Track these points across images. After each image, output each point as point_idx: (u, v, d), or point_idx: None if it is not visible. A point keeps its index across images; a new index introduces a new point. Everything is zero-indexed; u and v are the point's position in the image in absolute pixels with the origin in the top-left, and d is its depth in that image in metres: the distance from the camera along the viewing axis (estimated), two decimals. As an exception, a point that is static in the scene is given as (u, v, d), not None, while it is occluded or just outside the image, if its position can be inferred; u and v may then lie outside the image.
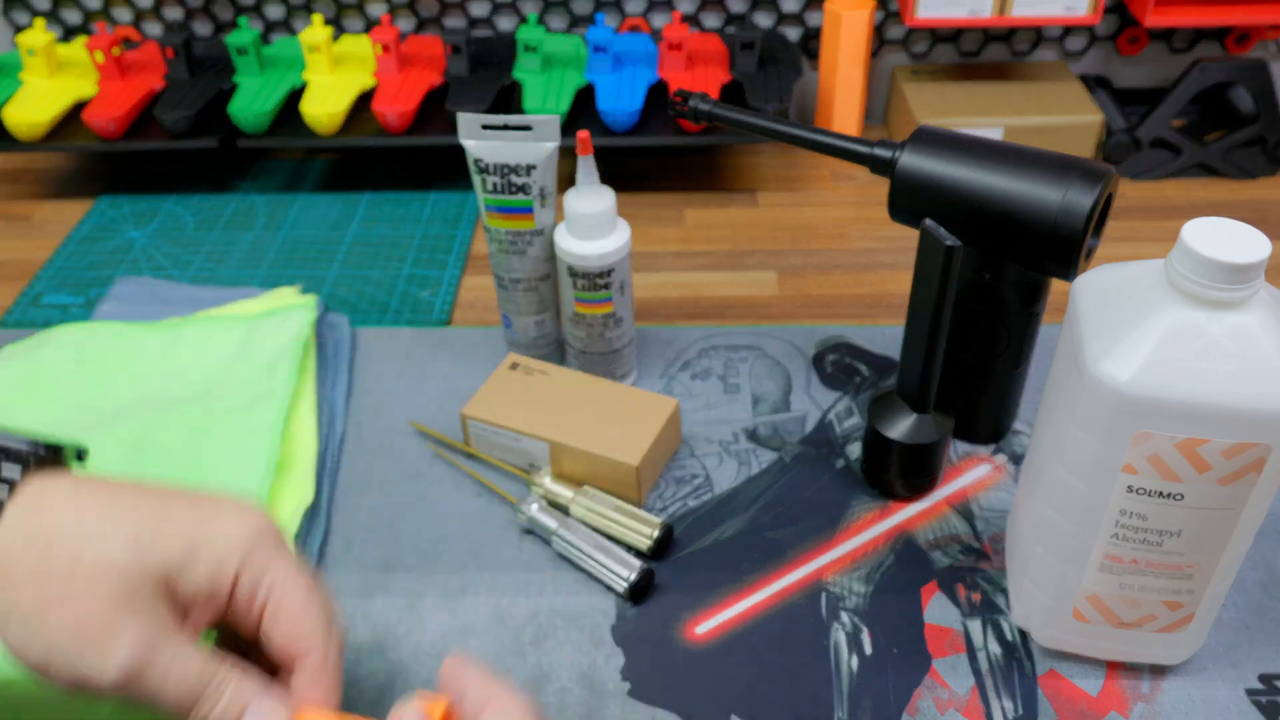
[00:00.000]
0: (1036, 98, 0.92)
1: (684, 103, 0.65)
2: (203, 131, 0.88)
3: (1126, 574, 0.46)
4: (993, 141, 0.55)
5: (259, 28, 1.02)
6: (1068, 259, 0.52)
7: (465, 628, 0.54)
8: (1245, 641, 0.53)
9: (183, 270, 0.83)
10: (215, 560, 0.38)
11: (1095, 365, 0.42)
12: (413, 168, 0.96)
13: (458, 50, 0.90)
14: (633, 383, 0.70)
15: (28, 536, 0.37)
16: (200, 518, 0.39)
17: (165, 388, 0.67)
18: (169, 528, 0.38)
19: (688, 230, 0.87)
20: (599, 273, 0.63)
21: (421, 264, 0.83)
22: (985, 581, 0.56)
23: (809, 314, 0.77)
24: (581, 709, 0.50)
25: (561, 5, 0.99)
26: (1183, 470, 0.42)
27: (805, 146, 0.61)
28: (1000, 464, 0.63)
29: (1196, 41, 0.99)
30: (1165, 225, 0.86)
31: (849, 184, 0.93)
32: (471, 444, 0.64)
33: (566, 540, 0.57)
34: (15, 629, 0.36)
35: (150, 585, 0.37)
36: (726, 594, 0.56)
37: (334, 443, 0.65)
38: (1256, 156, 0.90)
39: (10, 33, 1.04)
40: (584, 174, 0.62)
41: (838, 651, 0.53)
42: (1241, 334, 0.40)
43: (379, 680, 0.52)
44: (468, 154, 0.63)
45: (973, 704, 0.50)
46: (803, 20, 0.99)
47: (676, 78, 0.89)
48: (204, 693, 0.37)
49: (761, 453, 0.64)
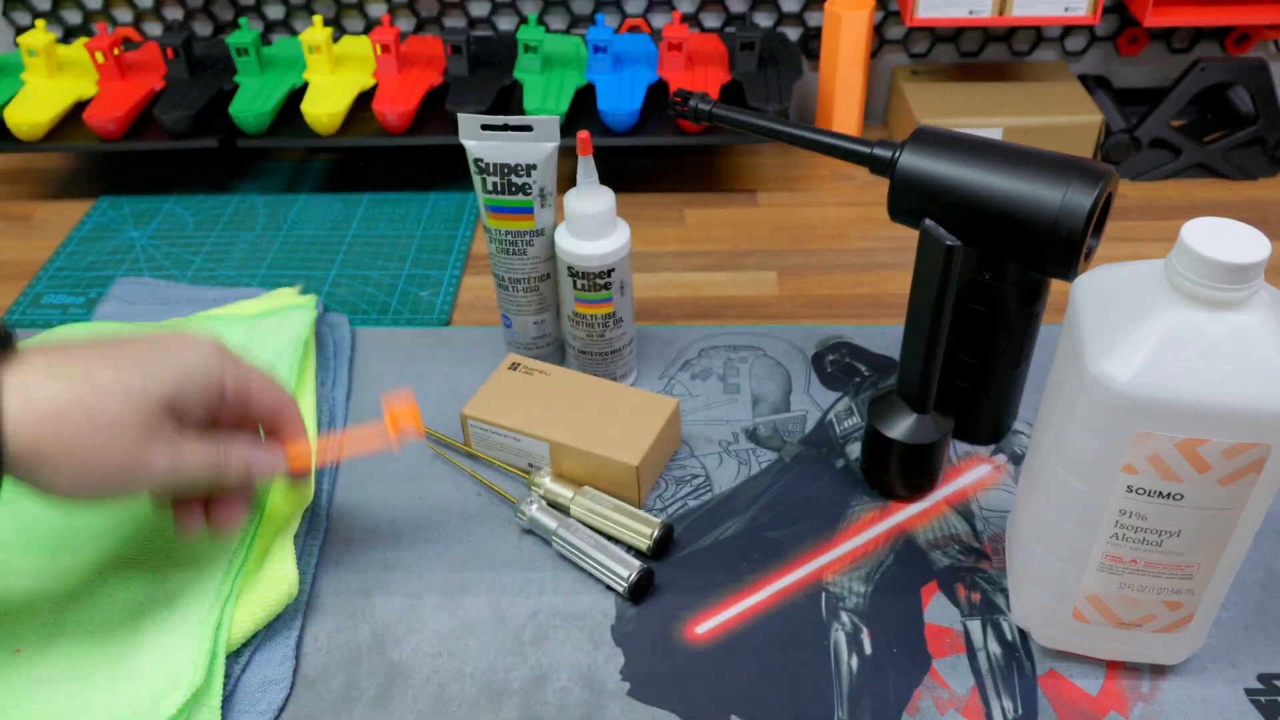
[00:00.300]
0: (1036, 98, 0.92)
1: (684, 103, 0.65)
2: (203, 131, 0.88)
3: (1126, 574, 0.46)
4: (993, 141, 0.55)
5: (259, 28, 1.02)
6: (1068, 259, 0.52)
7: (465, 628, 0.54)
8: (1245, 641, 0.53)
9: (183, 270, 0.83)
10: (203, 379, 0.49)
11: (1095, 365, 0.42)
12: (413, 168, 0.96)
13: (458, 50, 0.90)
14: (633, 383, 0.70)
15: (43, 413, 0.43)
16: (176, 353, 0.49)
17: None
18: (158, 370, 0.47)
19: (688, 230, 0.87)
20: (599, 273, 0.63)
21: (421, 264, 0.83)
22: (985, 581, 0.56)
23: (809, 314, 0.77)
24: (581, 709, 0.50)
25: (561, 5, 0.99)
26: (1183, 470, 0.42)
27: (805, 146, 0.61)
28: (1000, 464, 0.63)
29: (1196, 41, 0.99)
30: (1165, 225, 0.86)
31: (849, 184, 0.93)
32: (471, 444, 0.64)
33: (566, 540, 0.57)
34: (66, 482, 0.44)
35: (158, 413, 0.47)
36: (726, 594, 0.56)
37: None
38: (1256, 156, 0.90)
39: (11, 33, 1.04)
40: (584, 174, 0.62)
41: (838, 651, 0.53)
42: (1241, 334, 0.40)
43: (379, 680, 0.52)
44: (468, 154, 0.63)
45: (973, 704, 0.50)
46: (803, 20, 0.99)
47: (676, 78, 0.89)
48: (217, 462, 0.49)
49: (761, 453, 0.64)
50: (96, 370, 0.46)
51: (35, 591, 0.54)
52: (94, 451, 0.45)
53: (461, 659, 0.53)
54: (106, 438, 0.45)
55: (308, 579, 0.56)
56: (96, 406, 0.45)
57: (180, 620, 0.51)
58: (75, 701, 0.49)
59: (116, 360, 0.47)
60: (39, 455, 0.43)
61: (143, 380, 0.46)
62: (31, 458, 0.43)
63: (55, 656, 0.51)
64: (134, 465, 0.46)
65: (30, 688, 0.49)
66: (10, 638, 0.52)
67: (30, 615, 0.53)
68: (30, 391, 0.43)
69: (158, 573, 0.55)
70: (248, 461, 0.51)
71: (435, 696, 0.51)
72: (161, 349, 0.48)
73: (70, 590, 0.54)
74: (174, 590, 0.53)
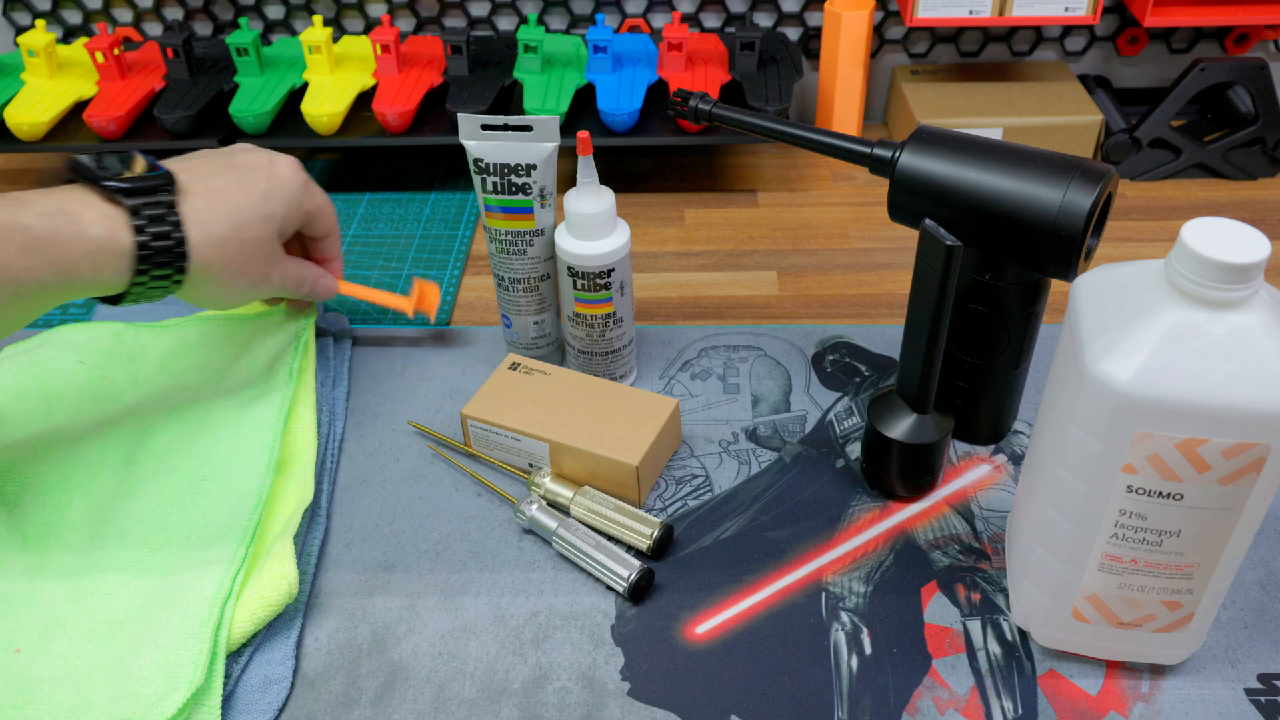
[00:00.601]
0: (1036, 98, 0.92)
1: (684, 103, 0.65)
2: (203, 131, 0.88)
3: (1126, 574, 0.46)
4: (993, 141, 0.55)
5: (259, 28, 1.02)
6: (1068, 259, 0.52)
7: (465, 628, 0.54)
8: (1245, 641, 0.53)
9: (183, 270, 0.83)
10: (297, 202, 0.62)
11: (1095, 365, 0.42)
12: (413, 168, 0.96)
13: (458, 50, 0.90)
14: (633, 383, 0.70)
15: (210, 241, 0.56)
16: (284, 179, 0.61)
17: (165, 388, 0.66)
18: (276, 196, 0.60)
19: (688, 230, 0.87)
20: (599, 273, 0.63)
21: (421, 264, 0.83)
22: (985, 581, 0.56)
23: (809, 314, 0.77)
24: (581, 709, 0.50)
25: (561, 5, 0.99)
26: (1183, 470, 0.42)
27: (805, 146, 0.61)
28: (1000, 464, 0.63)
29: (1196, 41, 0.99)
30: (1165, 225, 0.86)
31: (849, 184, 0.93)
32: (471, 444, 0.64)
33: (566, 540, 0.57)
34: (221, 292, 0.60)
35: (275, 234, 0.61)
36: (726, 594, 0.56)
37: (334, 443, 0.65)
38: (1256, 157, 0.90)
39: (11, 33, 1.04)
40: (584, 174, 0.62)
41: (838, 651, 0.53)
42: (1241, 334, 0.40)
43: (379, 680, 0.52)
44: (468, 154, 0.63)
45: (972, 704, 0.50)
46: (803, 20, 0.99)
47: (676, 78, 0.89)
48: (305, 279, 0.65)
49: (761, 453, 0.64)
50: (240, 203, 0.58)
51: (31, 590, 0.54)
52: (241, 269, 0.58)
53: (461, 659, 0.53)
54: (248, 259, 0.59)
55: (308, 579, 0.57)
56: (244, 236, 0.58)
57: (180, 620, 0.51)
58: (75, 701, 0.49)
59: (249, 190, 0.59)
60: (207, 273, 0.57)
61: (267, 206, 0.59)
62: (201, 275, 0.57)
63: (55, 656, 0.51)
64: (262, 278, 0.61)
65: (30, 688, 0.49)
66: (10, 638, 0.52)
67: (30, 615, 0.53)
68: (202, 227, 0.56)
69: (158, 572, 0.55)
70: (319, 282, 0.67)
71: (435, 696, 0.51)
72: (274, 176, 0.61)
73: (70, 590, 0.54)
74: (174, 590, 0.53)
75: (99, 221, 0.52)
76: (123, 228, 0.52)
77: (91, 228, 0.52)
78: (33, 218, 0.50)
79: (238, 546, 0.55)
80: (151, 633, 0.51)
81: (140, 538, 0.57)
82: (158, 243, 0.53)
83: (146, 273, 0.54)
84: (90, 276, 0.52)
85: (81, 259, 0.51)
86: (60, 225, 0.51)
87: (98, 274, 0.52)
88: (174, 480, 0.60)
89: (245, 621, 0.52)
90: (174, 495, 0.59)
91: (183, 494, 0.59)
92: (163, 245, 0.54)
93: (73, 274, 0.51)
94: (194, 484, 0.60)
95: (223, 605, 0.52)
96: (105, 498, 0.59)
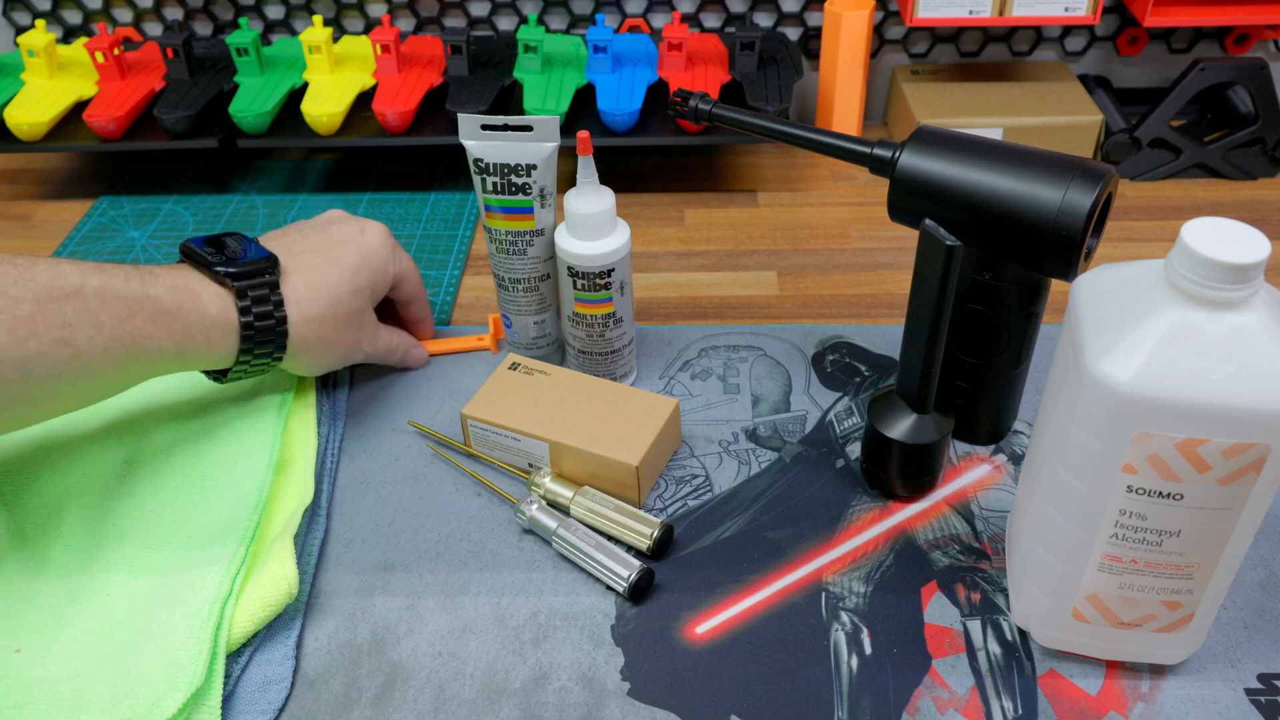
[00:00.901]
0: (1036, 98, 0.92)
1: (684, 103, 0.65)
2: (203, 131, 0.88)
3: (1126, 574, 0.46)
4: (993, 141, 0.55)
5: (259, 28, 1.02)
6: (1067, 259, 0.52)
7: (465, 628, 0.54)
8: (1245, 641, 0.53)
9: (183, 270, 0.83)
10: (383, 267, 0.65)
11: (1095, 365, 0.42)
12: (413, 168, 0.96)
13: (458, 50, 0.90)
14: (633, 383, 0.70)
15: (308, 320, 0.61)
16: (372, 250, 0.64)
17: (165, 388, 0.66)
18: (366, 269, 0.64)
19: (688, 230, 0.87)
20: (599, 273, 0.63)
21: (421, 264, 0.83)
22: (985, 581, 0.56)
23: (809, 314, 0.77)
24: (581, 709, 0.50)
25: (561, 5, 0.99)
26: (1183, 470, 0.42)
27: (805, 146, 0.61)
28: (1000, 464, 0.63)
29: (1196, 41, 0.99)
30: (1165, 225, 0.86)
31: (849, 184, 0.93)
32: (471, 444, 0.64)
33: (566, 540, 0.57)
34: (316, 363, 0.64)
35: (366, 304, 0.64)
36: (726, 594, 0.56)
37: (334, 443, 0.65)
38: (1256, 157, 0.90)
39: (11, 33, 1.04)
40: (584, 174, 0.62)
41: (838, 651, 0.53)
42: (1241, 334, 0.40)
43: (379, 680, 0.52)
44: (468, 154, 0.63)
45: (972, 704, 0.50)
46: (803, 20, 0.99)
47: (676, 78, 0.89)
48: (395, 348, 0.69)
49: (761, 453, 0.64)
50: (334, 280, 0.62)
51: (31, 590, 0.54)
52: (336, 341, 0.63)
53: (461, 659, 0.53)
54: (342, 331, 0.63)
55: (308, 579, 0.57)
56: (339, 312, 0.62)
57: (180, 620, 0.51)
58: (75, 701, 0.49)
59: (342, 265, 0.62)
60: (304, 349, 0.61)
61: (359, 279, 0.63)
62: (298, 350, 0.61)
63: (55, 656, 0.51)
64: (354, 346, 0.65)
65: (30, 688, 0.49)
66: (10, 638, 0.52)
67: (30, 615, 0.53)
68: (300, 306, 0.60)
69: (158, 572, 0.55)
70: (410, 352, 0.70)
71: (435, 696, 0.51)
72: (364, 250, 0.64)
73: (70, 590, 0.54)
74: (174, 590, 0.53)
75: (214, 300, 0.57)
76: (232, 307, 0.57)
77: (209, 305, 0.57)
78: (162, 291, 0.55)
79: (238, 546, 0.55)
80: (151, 633, 0.51)
81: (140, 537, 0.57)
82: (262, 322, 0.58)
83: (250, 350, 0.58)
84: (203, 350, 0.57)
85: (198, 333, 0.56)
86: (184, 301, 0.56)
87: (210, 348, 0.57)
88: (174, 480, 0.60)
89: (245, 621, 0.52)
90: (174, 495, 0.59)
91: (183, 494, 0.59)
92: (266, 325, 0.58)
93: (188, 346, 0.56)
94: (194, 484, 0.60)
95: (223, 605, 0.52)
96: (105, 497, 0.59)
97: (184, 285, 0.56)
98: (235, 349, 0.58)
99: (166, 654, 0.50)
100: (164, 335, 0.55)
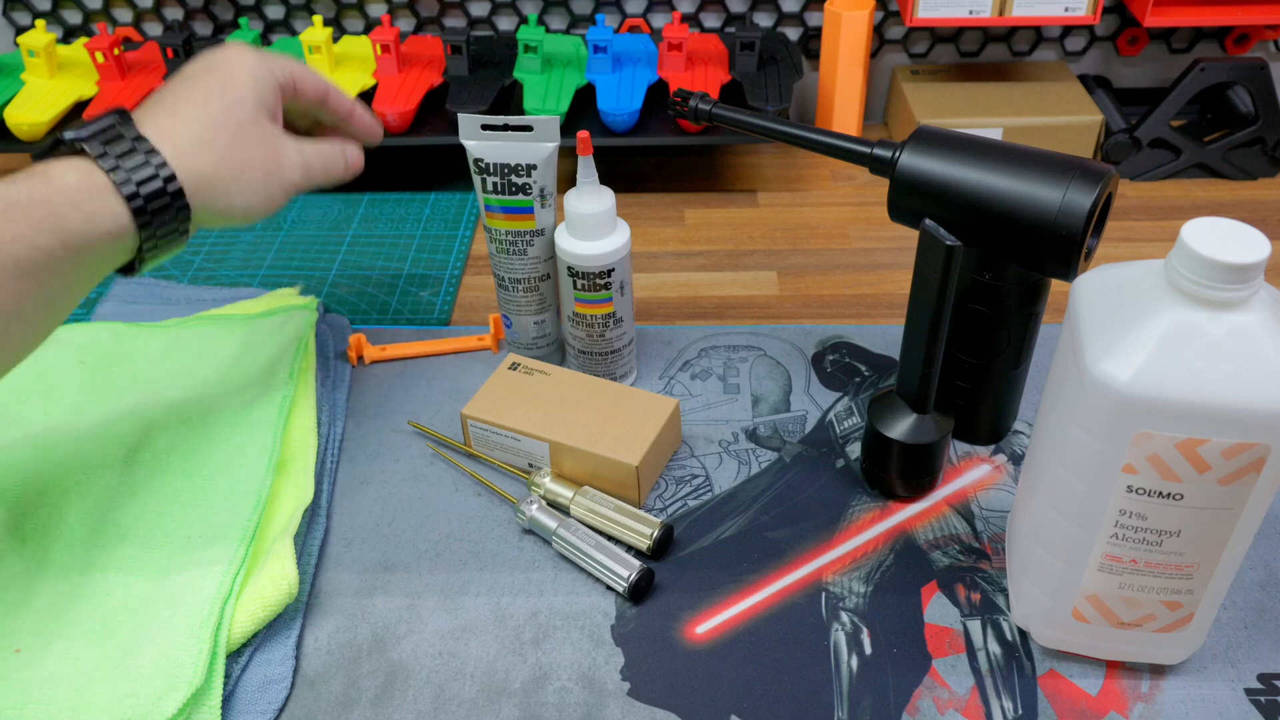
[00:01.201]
0: (1036, 98, 0.92)
1: (684, 103, 0.65)
2: (203, 131, 0.88)
3: (1126, 574, 0.46)
4: (993, 141, 0.55)
5: (259, 28, 1.02)
6: (1068, 259, 0.52)
7: (465, 628, 0.54)
8: (1245, 641, 0.53)
9: (183, 270, 0.83)
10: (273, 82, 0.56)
11: (1095, 365, 0.42)
12: (413, 168, 0.96)
13: (458, 50, 0.90)
14: (633, 383, 0.70)
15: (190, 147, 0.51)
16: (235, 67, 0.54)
17: (165, 388, 0.67)
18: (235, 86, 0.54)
19: (688, 230, 0.87)
20: (599, 273, 0.63)
21: (421, 264, 0.83)
22: (985, 581, 0.56)
23: (809, 314, 0.77)
24: (581, 709, 0.50)
25: (561, 5, 0.99)
26: (1183, 470, 0.42)
27: (805, 146, 0.61)
28: (1000, 464, 0.63)
29: (1196, 41, 0.99)
30: (1165, 225, 0.86)
31: (849, 184, 0.93)
32: (471, 444, 0.64)
33: (566, 540, 0.57)
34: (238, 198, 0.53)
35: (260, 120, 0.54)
36: (726, 594, 0.56)
37: (334, 443, 0.65)
38: (1256, 157, 0.90)
39: (11, 33, 1.04)
40: (584, 174, 0.62)
41: (838, 651, 0.53)
42: (1241, 334, 0.40)
43: (379, 680, 0.52)
44: (468, 154, 0.63)
45: (972, 704, 0.50)
46: (803, 20, 0.99)
47: (676, 78, 0.89)
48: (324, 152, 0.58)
49: (761, 453, 0.64)
50: (200, 103, 0.52)
51: (31, 590, 0.54)
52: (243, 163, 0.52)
53: (461, 659, 0.53)
54: (242, 148, 0.52)
55: (308, 579, 0.57)
56: (224, 131, 0.52)
57: (180, 620, 0.51)
58: (75, 701, 0.49)
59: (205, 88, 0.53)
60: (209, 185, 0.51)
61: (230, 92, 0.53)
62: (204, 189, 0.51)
63: (55, 656, 0.51)
64: (275, 164, 0.54)
65: (30, 688, 0.49)
66: (10, 638, 0.52)
67: (30, 615, 0.53)
68: (173, 139, 0.50)
69: (158, 572, 0.55)
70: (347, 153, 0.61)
71: (435, 696, 0.51)
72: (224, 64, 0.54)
73: (70, 590, 0.54)
74: (174, 590, 0.53)
75: (71, 171, 0.48)
76: (93, 168, 0.49)
77: (65, 176, 0.48)
78: (4, 187, 0.47)
79: (238, 546, 0.55)
80: (151, 633, 0.51)
81: (140, 537, 0.57)
82: (138, 173, 0.49)
83: (145, 211, 0.49)
84: (88, 229, 0.48)
85: (69, 212, 0.48)
86: (34, 186, 0.48)
87: (94, 225, 0.48)
88: (174, 480, 0.60)
89: (245, 621, 0.52)
90: (174, 495, 0.59)
91: (183, 494, 0.59)
92: (145, 176, 0.49)
93: (68, 232, 0.47)
94: (194, 484, 0.60)
95: (223, 605, 0.52)
96: (105, 497, 0.59)
97: (30, 172, 0.48)
98: (127, 219, 0.49)
99: (166, 654, 0.50)
100: (31, 231, 0.46)
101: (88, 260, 0.49)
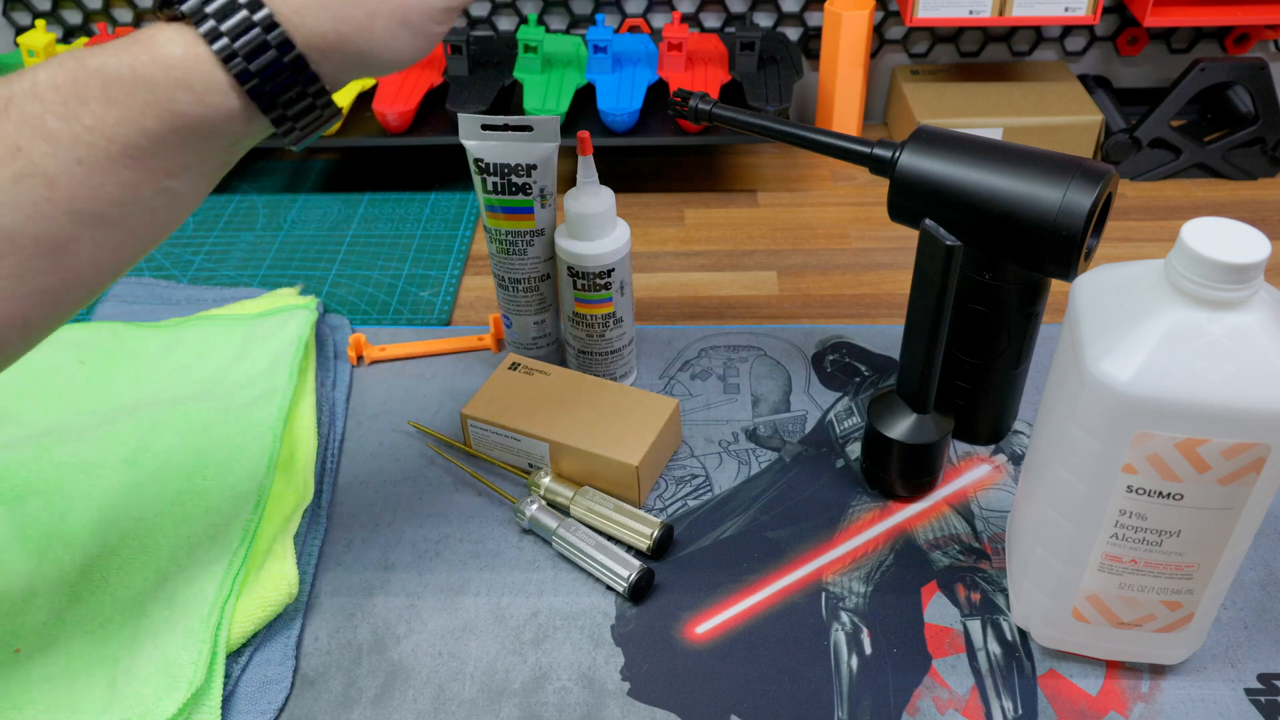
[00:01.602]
0: (1036, 98, 0.92)
1: (684, 103, 0.65)
2: (203, 131, 0.88)
3: (1126, 574, 0.46)
4: (993, 141, 0.55)
5: (259, 28, 1.01)
6: (1067, 259, 0.52)
7: (465, 628, 0.54)
8: (1245, 641, 0.53)
9: (183, 270, 0.83)
10: None
11: (1095, 365, 0.42)
12: (413, 168, 0.96)
13: (458, 50, 0.90)
14: (633, 383, 0.70)
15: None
16: None
17: (166, 388, 0.67)
18: None
19: (688, 230, 0.87)
20: (599, 273, 0.63)
21: (421, 264, 0.83)
22: (985, 581, 0.56)
23: (809, 314, 0.77)
24: (581, 709, 0.50)
25: (561, 5, 0.99)
26: (1183, 470, 0.42)
27: (805, 146, 0.61)
28: (1000, 464, 0.63)
29: (1196, 42, 0.99)
30: (1165, 225, 0.86)
31: (849, 184, 0.93)
32: (471, 444, 0.64)
33: (566, 540, 0.57)
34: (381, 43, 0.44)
35: None
36: (726, 594, 0.56)
37: (334, 443, 0.65)
38: (1256, 157, 0.90)
39: (11, 33, 1.04)
40: (584, 174, 0.62)
41: (838, 651, 0.53)
42: (1241, 334, 0.40)
43: (379, 680, 0.52)
44: (468, 154, 0.63)
45: (972, 704, 0.50)
46: (803, 20, 0.99)
47: (676, 78, 0.89)
48: None
49: (761, 453, 0.64)
50: None
51: (31, 590, 0.54)
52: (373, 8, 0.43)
53: (461, 659, 0.53)
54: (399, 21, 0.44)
55: (308, 579, 0.56)
56: None
57: (180, 620, 0.51)
58: (75, 701, 0.49)
59: None
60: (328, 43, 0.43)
61: None
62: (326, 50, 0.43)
63: (55, 656, 0.51)
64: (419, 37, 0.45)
65: (30, 688, 0.49)
66: (10, 638, 0.52)
67: (30, 615, 0.53)
68: None
69: (158, 572, 0.55)
70: None
71: (435, 696, 0.51)
72: None
73: (70, 590, 0.54)
74: (174, 590, 0.53)
75: (175, 40, 0.41)
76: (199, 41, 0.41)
77: (170, 46, 0.41)
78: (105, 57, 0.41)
79: (238, 546, 0.55)
80: (151, 633, 0.51)
81: (140, 537, 0.57)
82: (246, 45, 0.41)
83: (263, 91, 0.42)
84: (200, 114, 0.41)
85: (175, 90, 0.41)
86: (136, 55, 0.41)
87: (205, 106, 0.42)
88: (174, 480, 0.60)
89: (245, 621, 0.52)
90: (174, 495, 0.59)
91: (183, 494, 0.59)
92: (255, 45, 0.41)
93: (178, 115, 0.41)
94: (194, 484, 0.60)
95: (223, 605, 0.52)
96: (105, 497, 0.59)
97: (134, 39, 0.41)
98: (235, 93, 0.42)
99: (166, 654, 0.50)
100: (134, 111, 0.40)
101: (210, 142, 0.43)
